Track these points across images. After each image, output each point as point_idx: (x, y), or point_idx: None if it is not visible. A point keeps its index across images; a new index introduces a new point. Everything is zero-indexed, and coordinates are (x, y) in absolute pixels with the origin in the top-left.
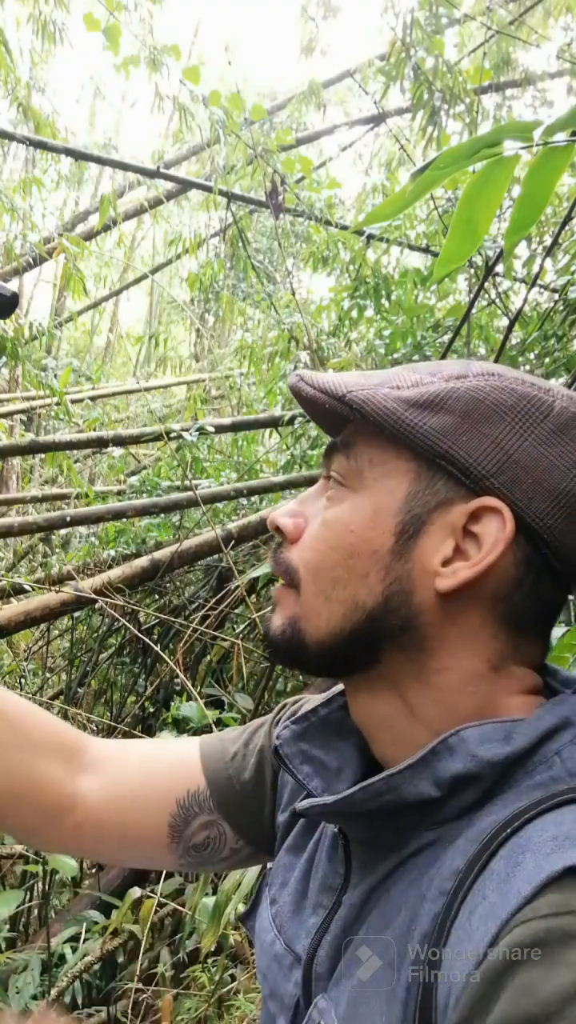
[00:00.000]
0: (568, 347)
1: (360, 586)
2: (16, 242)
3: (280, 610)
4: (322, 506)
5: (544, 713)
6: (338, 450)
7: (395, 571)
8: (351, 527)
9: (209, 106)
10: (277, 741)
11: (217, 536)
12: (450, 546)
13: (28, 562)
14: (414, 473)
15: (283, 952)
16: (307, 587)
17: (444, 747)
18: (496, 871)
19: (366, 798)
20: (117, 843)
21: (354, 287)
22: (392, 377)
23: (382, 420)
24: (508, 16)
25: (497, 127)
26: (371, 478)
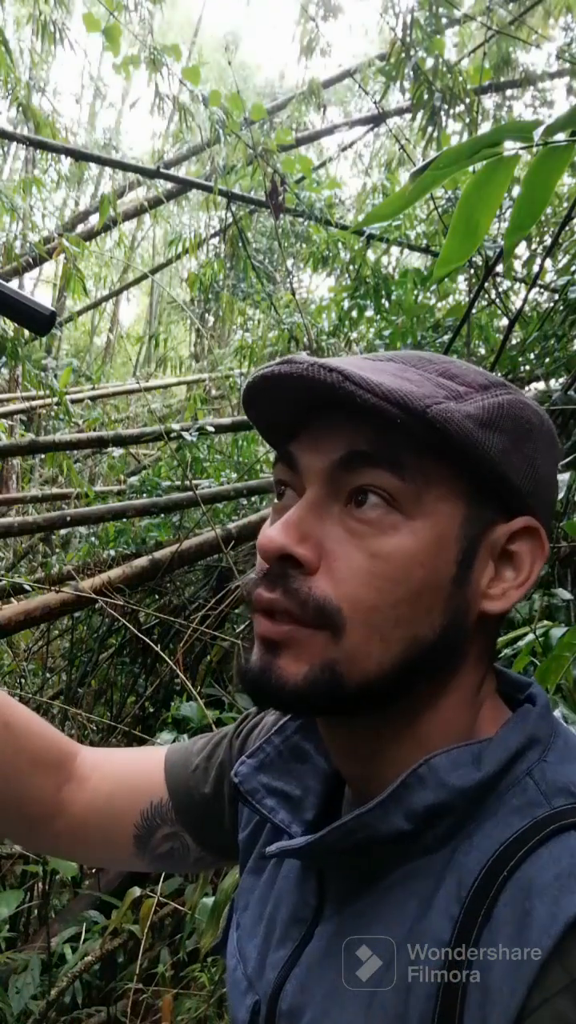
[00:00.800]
0: (568, 347)
1: (423, 622)
2: (16, 242)
3: (296, 654)
4: (341, 530)
5: (509, 732)
6: (375, 464)
7: (455, 600)
8: (419, 559)
9: (209, 106)
10: (236, 779)
11: (217, 536)
12: (492, 568)
13: (28, 562)
14: (467, 495)
15: (240, 977)
16: (355, 628)
17: (415, 778)
18: (504, 921)
19: (338, 838)
20: (91, 850)
21: (354, 287)
22: (428, 382)
23: (463, 442)
24: (508, 16)
25: (497, 127)
26: (429, 502)
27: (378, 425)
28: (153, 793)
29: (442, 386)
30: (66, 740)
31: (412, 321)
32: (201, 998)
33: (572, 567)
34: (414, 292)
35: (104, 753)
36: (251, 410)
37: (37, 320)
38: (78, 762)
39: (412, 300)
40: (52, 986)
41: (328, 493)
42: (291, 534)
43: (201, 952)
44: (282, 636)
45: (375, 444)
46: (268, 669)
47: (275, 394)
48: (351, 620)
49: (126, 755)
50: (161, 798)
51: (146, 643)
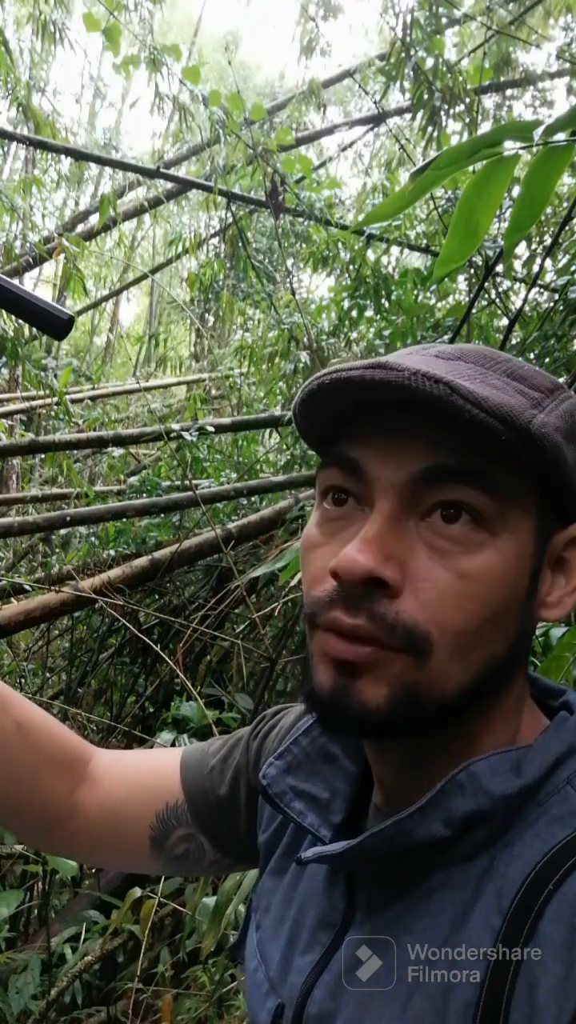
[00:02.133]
0: (568, 347)
1: (500, 640)
2: (16, 242)
3: (377, 677)
4: (423, 548)
5: (549, 740)
6: (464, 481)
7: (526, 614)
8: (506, 579)
9: (209, 106)
10: (264, 781)
11: (217, 536)
12: (549, 575)
13: (28, 562)
14: (537, 507)
15: (262, 979)
16: (442, 653)
17: (454, 785)
18: (551, 937)
19: (376, 844)
20: (107, 852)
21: (354, 287)
22: (512, 389)
23: (554, 459)
24: (508, 16)
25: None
26: (512, 518)
27: (468, 437)
28: (169, 795)
29: (523, 393)
30: (80, 741)
31: (412, 321)
32: (201, 998)
33: None
34: (414, 292)
35: (118, 755)
36: (307, 419)
37: (55, 324)
38: (92, 764)
39: (412, 300)
40: (52, 986)
41: (405, 507)
42: (376, 554)
43: (201, 952)
44: (364, 659)
45: (462, 458)
46: (346, 693)
47: (343, 399)
48: (439, 644)
49: (141, 757)
50: (177, 800)
51: (146, 643)
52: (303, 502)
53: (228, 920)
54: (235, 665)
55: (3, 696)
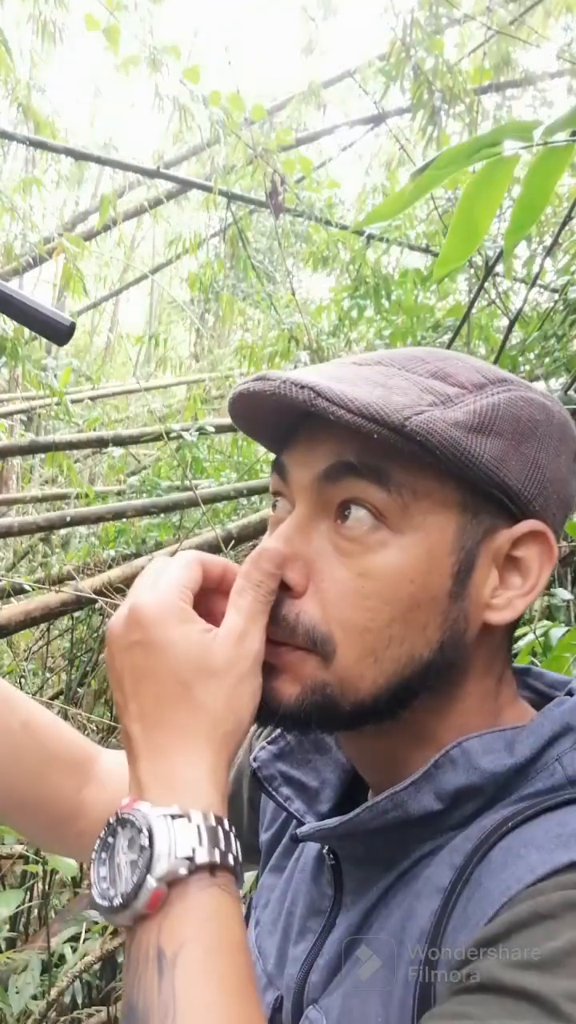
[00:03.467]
0: (568, 347)
1: (418, 639)
2: (16, 242)
3: (291, 676)
4: (329, 547)
5: (544, 720)
6: (360, 475)
7: (452, 615)
8: (409, 577)
9: (209, 106)
10: (254, 764)
11: (217, 536)
12: (495, 576)
13: (28, 562)
14: (460, 504)
15: (260, 974)
16: (347, 651)
17: (446, 759)
18: (494, 860)
19: (372, 817)
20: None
21: (354, 287)
22: (415, 387)
23: (447, 452)
24: (508, 16)
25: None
26: (418, 515)
27: (366, 437)
28: None
29: (430, 390)
30: (86, 741)
31: (412, 321)
32: None
33: (572, 567)
34: (414, 292)
35: (123, 755)
36: (239, 421)
37: (57, 330)
38: (100, 764)
39: (412, 300)
40: (52, 986)
41: (316, 508)
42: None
43: None
44: (278, 660)
45: (360, 455)
46: (267, 691)
47: (258, 408)
48: (343, 643)
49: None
50: None
51: None
52: None
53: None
54: None
55: (9, 696)
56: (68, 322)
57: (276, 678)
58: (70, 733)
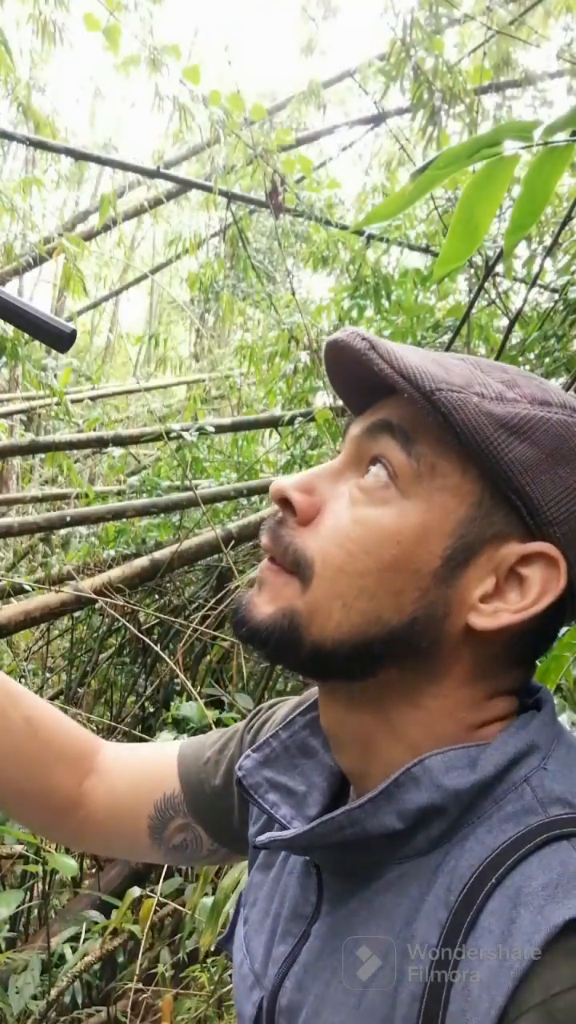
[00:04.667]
0: (568, 347)
1: (388, 602)
2: (16, 242)
3: (270, 595)
4: (347, 493)
5: (508, 737)
6: (393, 435)
7: (431, 596)
8: (396, 538)
9: (209, 106)
10: (240, 772)
11: (217, 536)
12: (491, 583)
13: (28, 562)
14: (476, 497)
15: (247, 972)
16: (321, 584)
17: (408, 778)
18: (489, 929)
19: (327, 832)
20: (112, 841)
21: (354, 287)
22: (474, 379)
23: (469, 435)
24: (508, 16)
25: (497, 127)
26: (428, 487)
27: (409, 402)
28: (167, 785)
29: (486, 385)
30: (88, 734)
31: (412, 321)
32: (201, 998)
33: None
34: (414, 292)
35: (126, 747)
36: (333, 381)
37: (58, 337)
38: (100, 756)
39: (412, 300)
40: (52, 986)
41: (351, 459)
42: (298, 483)
43: (201, 952)
44: (265, 575)
45: (399, 418)
46: (246, 603)
47: (345, 371)
48: (319, 576)
49: (146, 748)
50: (174, 789)
51: (146, 643)
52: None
53: (227, 918)
54: (235, 665)
55: (11, 691)
56: (69, 329)
57: (259, 593)
58: (72, 727)
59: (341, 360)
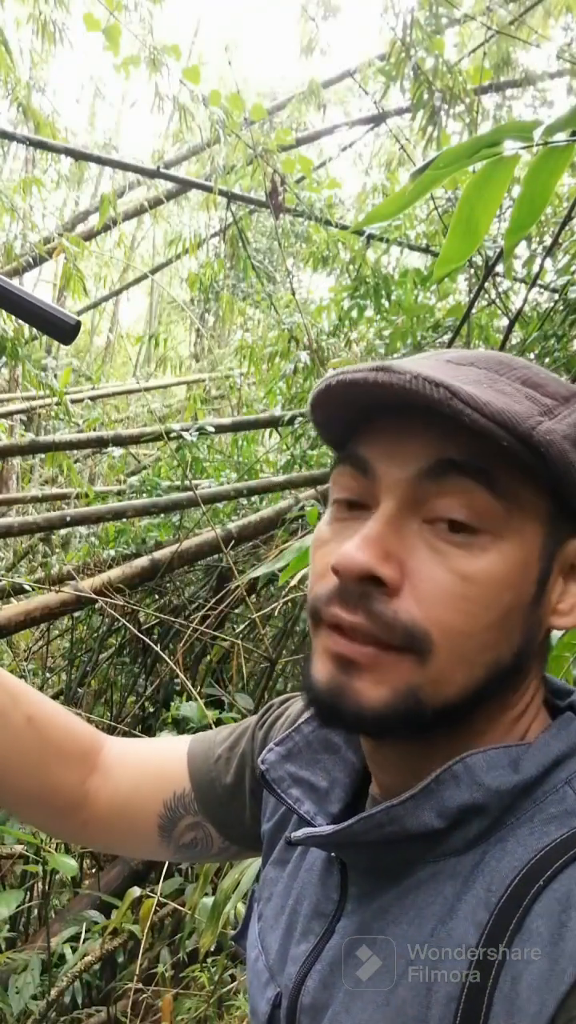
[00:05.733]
0: (568, 347)
1: (504, 645)
2: (16, 242)
3: (379, 678)
4: (425, 546)
5: (551, 739)
6: (468, 475)
7: (531, 621)
8: (508, 584)
9: (209, 106)
10: (263, 766)
11: (217, 536)
12: (562, 584)
13: (28, 562)
14: (548, 514)
15: (262, 968)
16: (443, 654)
17: (449, 775)
18: (538, 932)
19: (366, 829)
20: (119, 840)
21: (354, 287)
22: (525, 397)
23: (560, 466)
24: (508, 16)
25: (497, 127)
26: (518, 521)
27: (475, 439)
28: (176, 783)
29: (533, 400)
30: (92, 731)
31: (412, 321)
32: (201, 998)
33: None
34: (414, 292)
35: (130, 744)
36: (319, 411)
37: (62, 329)
38: (104, 753)
39: (412, 300)
40: (52, 986)
41: (409, 506)
42: (374, 552)
43: (201, 952)
44: (364, 658)
45: (466, 454)
46: (343, 691)
47: (337, 398)
48: (439, 645)
49: (151, 746)
50: (184, 788)
51: (146, 643)
52: (303, 502)
53: (227, 919)
54: (235, 665)
55: (13, 690)
56: (73, 320)
57: (359, 677)
58: (75, 724)
59: (342, 396)
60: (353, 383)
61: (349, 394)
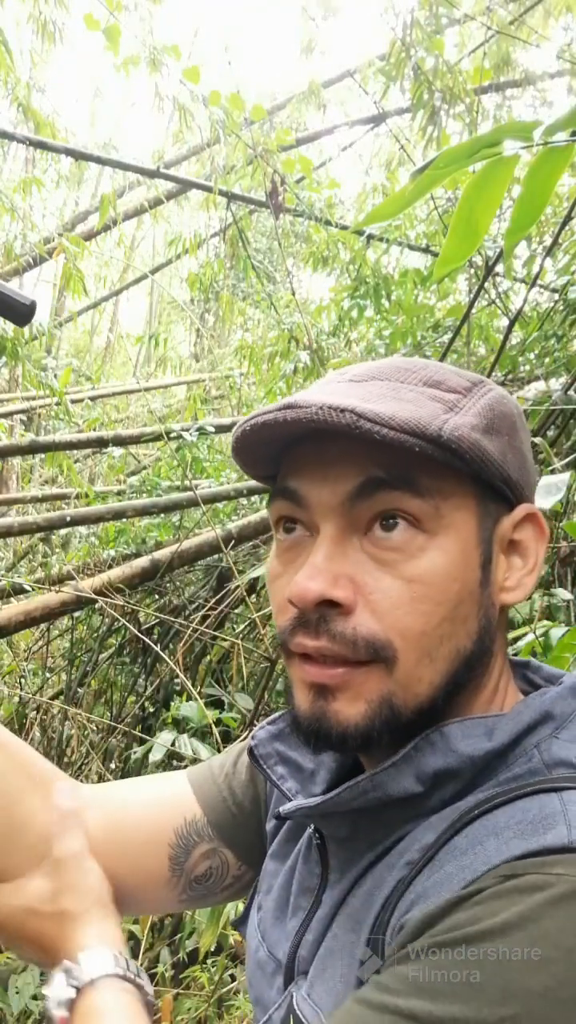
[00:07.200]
0: (568, 347)
1: (462, 633)
2: (16, 242)
3: (353, 695)
4: (368, 560)
5: (524, 708)
6: (393, 487)
7: (483, 604)
8: (453, 576)
9: (209, 106)
10: (252, 742)
11: (217, 536)
12: (504, 561)
13: (28, 562)
14: (476, 498)
15: (266, 958)
16: (407, 656)
17: (426, 742)
18: (457, 846)
19: (353, 796)
20: (116, 884)
21: (354, 287)
22: (430, 397)
23: (474, 456)
24: (508, 16)
25: (497, 127)
26: (447, 515)
27: (391, 450)
28: (185, 810)
29: (437, 399)
30: (56, 769)
31: (412, 321)
32: (201, 998)
33: (572, 567)
34: (414, 292)
35: (115, 785)
36: (242, 455)
37: (16, 310)
38: (83, 791)
39: (412, 300)
40: None
41: (346, 525)
42: (324, 577)
43: (201, 952)
44: (336, 680)
45: (390, 469)
46: (324, 715)
47: (255, 438)
48: (402, 650)
49: (140, 782)
50: (195, 814)
51: (146, 643)
52: None
53: (227, 919)
54: (235, 665)
55: None
56: (28, 301)
57: (335, 700)
58: (44, 760)
59: (260, 435)
60: (264, 425)
61: (264, 434)
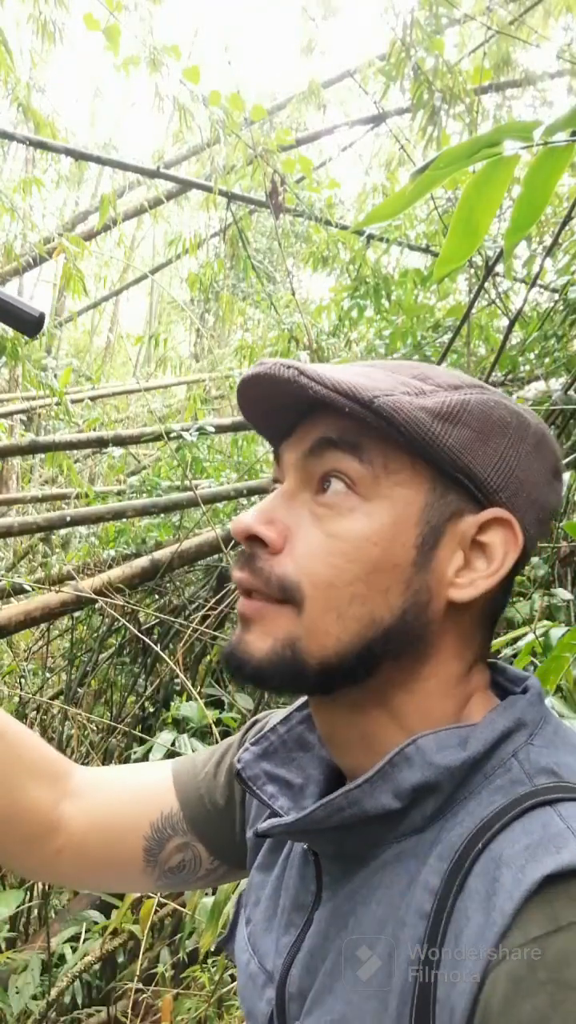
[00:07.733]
0: (568, 347)
1: (379, 601)
2: (16, 242)
3: (264, 630)
4: (308, 513)
5: (497, 716)
6: (338, 448)
7: (415, 584)
8: (372, 540)
9: (209, 106)
10: (238, 764)
11: (217, 536)
12: (460, 557)
13: (28, 562)
14: (429, 483)
15: (256, 971)
16: (314, 604)
17: (401, 757)
18: (476, 890)
19: (327, 815)
20: (95, 869)
21: (354, 287)
22: (395, 381)
23: (411, 431)
24: (508, 16)
25: (497, 127)
26: (387, 486)
27: (342, 415)
28: (163, 804)
29: (407, 384)
30: (60, 755)
31: (412, 321)
32: (201, 998)
33: (572, 567)
34: (414, 292)
35: (105, 769)
36: (246, 410)
37: (26, 322)
38: (76, 778)
39: (412, 300)
40: (52, 986)
41: (300, 481)
42: (259, 517)
43: (201, 952)
44: (253, 612)
45: (340, 432)
46: (239, 644)
47: (265, 399)
48: (311, 596)
49: (127, 770)
50: (171, 808)
51: (146, 643)
52: None
53: (227, 918)
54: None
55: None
56: (37, 313)
57: (249, 631)
58: (45, 746)
59: (259, 393)
60: (245, 381)
61: (251, 391)
